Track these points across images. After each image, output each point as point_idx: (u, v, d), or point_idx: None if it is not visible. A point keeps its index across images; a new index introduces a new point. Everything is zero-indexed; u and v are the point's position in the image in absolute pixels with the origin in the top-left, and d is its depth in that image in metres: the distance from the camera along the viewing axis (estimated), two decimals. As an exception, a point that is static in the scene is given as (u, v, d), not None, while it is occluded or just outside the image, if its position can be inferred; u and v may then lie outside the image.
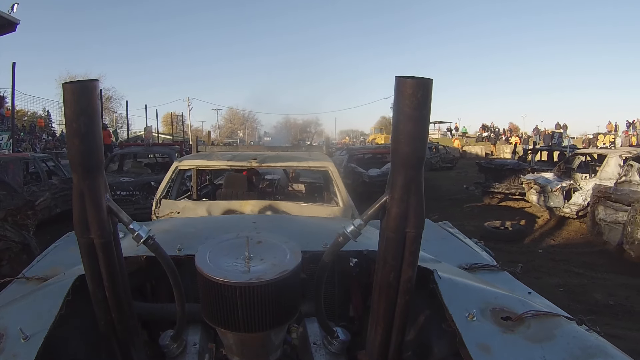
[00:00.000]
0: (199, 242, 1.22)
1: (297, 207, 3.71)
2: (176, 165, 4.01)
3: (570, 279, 5.07)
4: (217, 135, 42.25)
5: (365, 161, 12.15)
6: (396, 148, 0.96)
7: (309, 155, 4.35)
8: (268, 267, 1.06)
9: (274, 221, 2.05)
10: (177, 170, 4.00)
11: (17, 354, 0.98)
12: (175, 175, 4.00)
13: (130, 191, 7.75)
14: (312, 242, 1.47)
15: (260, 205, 3.67)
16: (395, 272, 1.05)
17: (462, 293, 1.19)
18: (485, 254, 1.92)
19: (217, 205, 3.77)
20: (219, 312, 1.05)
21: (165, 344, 1.22)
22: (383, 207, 1.03)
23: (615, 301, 4.38)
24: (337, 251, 1.13)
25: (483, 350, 1.00)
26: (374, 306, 1.13)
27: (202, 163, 4.08)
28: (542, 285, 4.62)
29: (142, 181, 8.10)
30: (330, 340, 1.26)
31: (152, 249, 1.09)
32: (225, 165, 4.06)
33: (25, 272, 1.72)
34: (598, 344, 1.02)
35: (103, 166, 1.01)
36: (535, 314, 1.10)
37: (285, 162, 4.14)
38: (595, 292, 4.63)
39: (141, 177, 8.54)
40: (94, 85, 0.92)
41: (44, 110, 21.11)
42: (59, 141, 20.07)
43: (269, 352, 1.20)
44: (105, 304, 1.09)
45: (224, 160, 4.03)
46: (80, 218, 0.99)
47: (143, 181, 8.10)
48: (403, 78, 0.91)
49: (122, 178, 8.33)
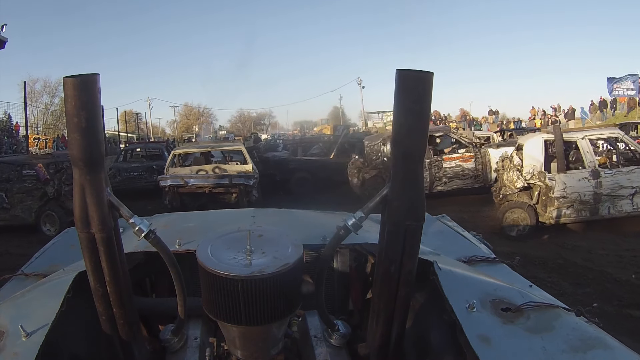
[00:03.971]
0: (198, 236, 1.22)
1: (227, 166, 9.10)
2: (173, 152, 9.59)
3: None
4: (175, 130, 42.83)
5: (295, 148, 13.41)
6: (397, 141, 0.96)
7: (232, 144, 11.48)
8: (269, 260, 1.07)
9: (273, 215, 2.05)
10: (173, 154, 9.39)
11: (19, 352, 0.97)
12: (173, 156, 9.32)
13: (140, 172, 11.74)
14: (311, 236, 1.47)
15: (212, 166, 8.92)
16: (395, 264, 1.06)
17: (461, 284, 1.20)
18: (484, 247, 1.93)
19: (194, 167, 8.91)
20: (221, 305, 1.05)
21: (166, 338, 1.23)
22: (384, 200, 1.03)
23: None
24: (338, 244, 1.13)
25: (483, 341, 1.01)
26: (375, 298, 1.13)
27: (185, 150, 10.31)
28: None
29: (145, 166, 12.00)
30: (331, 333, 1.26)
31: (154, 243, 1.09)
32: (196, 150, 10.02)
33: (24, 269, 1.71)
34: (597, 335, 1.03)
35: (104, 161, 1.00)
36: (534, 306, 1.11)
37: (220, 147, 10.64)
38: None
39: (143, 163, 12.40)
40: (95, 79, 0.91)
41: (5, 113, 20.93)
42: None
43: (270, 345, 1.21)
44: (106, 299, 1.09)
45: (195, 148, 10.50)
46: (81, 213, 0.99)
47: (145, 166, 11.98)
48: (404, 71, 0.91)
49: (133, 164, 12.32)
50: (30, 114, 31.65)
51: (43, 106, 34.04)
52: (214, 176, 8.41)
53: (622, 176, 6.35)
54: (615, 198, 6.33)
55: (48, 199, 7.70)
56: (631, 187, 6.31)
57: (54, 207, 7.74)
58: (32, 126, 29.65)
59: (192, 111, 49.15)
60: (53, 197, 7.68)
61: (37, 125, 30.88)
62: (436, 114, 29.13)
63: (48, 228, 7.68)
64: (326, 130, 32.36)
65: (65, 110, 0.91)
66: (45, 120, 33.06)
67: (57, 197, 7.69)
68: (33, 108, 33.06)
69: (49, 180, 7.74)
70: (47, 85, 34.74)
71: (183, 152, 9.89)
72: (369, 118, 35.00)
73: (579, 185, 6.33)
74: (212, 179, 8.28)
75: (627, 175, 6.34)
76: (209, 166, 8.94)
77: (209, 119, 49.13)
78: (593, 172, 6.37)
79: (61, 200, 7.69)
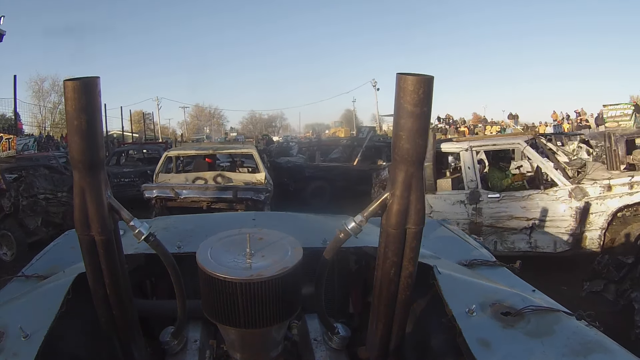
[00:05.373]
0: (198, 239, 1.21)
1: (234, 174, 7.21)
2: (166, 154, 7.40)
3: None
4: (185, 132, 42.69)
5: (313, 152, 12.60)
6: (397, 144, 0.96)
7: (242, 146, 9.06)
8: (269, 263, 1.07)
9: (274, 218, 2.05)
10: (166, 157, 7.33)
11: (18, 352, 0.98)
12: (165, 159, 7.28)
13: (131, 178, 10.01)
14: (311, 239, 1.47)
15: (214, 174, 7.02)
16: (396, 268, 1.06)
17: (462, 288, 1.20)
18: (484, 250, 1.92)
19: (190, 175, 7.15)
20: (220, 308, 1.05)
21: (166, 340, 1.23)
22: (384, 204, 1.03)
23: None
24: (338, 247, 1.13)
25: (483, 345, 1.01)
26: (375, 302, 1.13)
27: (181, 152, 8.13)
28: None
29: (139, 171, 10.33)
30: (331, 336, 1.26)
31: (153, 245, 1.09)
32: (194, 152, 7.99)
33: (24, 270, 1.71)
34: (597, 339, 1.03)
35: (104, 163, 1.00)
36: (534, 309, 1.10)
37: (227, 150, 8.43)
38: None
39: (137, 167, 10.82)
40: (96, 82, 0.91)
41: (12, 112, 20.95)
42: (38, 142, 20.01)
43: (269, 348, 1.21)
44: (106, 301, 1.09)
45: (193, 150, 8.22)
46: (81, 215, 0.99)
47: (140, 170, 10.30)
48: (404, 75, 0.91)
49: (125, 169, 10.73)
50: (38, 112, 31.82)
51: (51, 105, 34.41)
52: (214, 187, 6.33)
53: (512, 202, 4.75)
54: (504, 231, 4.78)
55: (4, 214, 5.90)
56: (526, 218, 4.68)
57: (11, 226, 5.90)
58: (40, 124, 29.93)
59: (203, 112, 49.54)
60: (9, 213, 5.89)
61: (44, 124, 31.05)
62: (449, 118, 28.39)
63: (4, 252, 5.85)
64: (340, 133, 32.35)
65: (66, 113, 0.92)
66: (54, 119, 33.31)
67: (14, 212, 5.91)
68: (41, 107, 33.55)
69: (5, 191, 5.97)
70: (55, 84, 34.85)
71: (178, 155, 7.91)
72: (382, 121, 34.23)
73: (451, 210, 4.90)
74: (212, 190, 6.19)
75: (521, 202, 4.72)
76: (210, 174, 7.02)
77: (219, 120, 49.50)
78: (472, 194, 4.84)
79: (20, 217, 5.95)
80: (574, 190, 4.58)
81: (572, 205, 4.56)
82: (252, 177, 6.94)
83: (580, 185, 4.62)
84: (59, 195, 6.55)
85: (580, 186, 4.61)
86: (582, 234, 4.60)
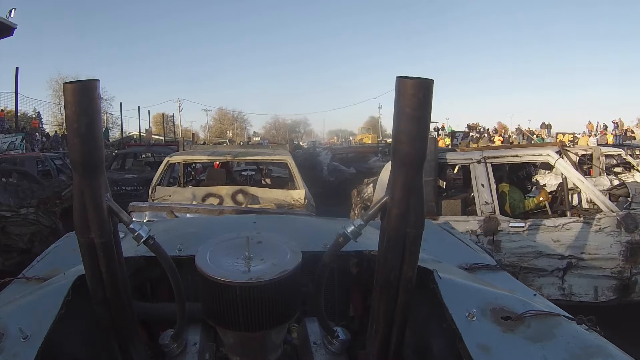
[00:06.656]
0: (199, 242, 1.22)
1: (261, 190, 4.88)
2: (167, 160, 5.21)
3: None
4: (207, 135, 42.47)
5: (348, 159, 12.31)
6: (396, 148, 0.96)
7: (273, 152, 6.08)
8: (268, 266, 1.07)
9: (274, 221, 2.05)
10: (168, 164, 5.19)
11: (17, 353, 0.98)
12: (167, 167, 5.20)
13: (134, 186, 8.64)
14: (312, 242, 1.47)
15: (233, 189, 4.76)
16: (395, 272, 1.05)
17: (462, 293, 1.19)
18: (486, 254, 1.92)
19: (200, 190, 4.84)
20: (219, 311, 1.05)
21: (165, 343, 1.22)
22: (383, 208, 1.03)
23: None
24: (338, 251, 1.13)
25: (483, 350, 1.00)
26: (374, 306, 1.13)
27: (187, 157, 5.55)
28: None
29: (144, 177, 8.69)
30: (331, 340, 1.26)
31: (153, 249, 1.09)
32: (205, 159, 5.48)
33: (25, 272, 1.72)
34: (598, 344, 1.02)
35: (104, 166, 1.01)
36: (535, 314, 1.10)
37: (252, 157, 5.52)
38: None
39: (143, 173, 9.27)
40: (95, 85, 0.92)
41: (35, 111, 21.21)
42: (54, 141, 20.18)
43: (269, 351, 1.20)
44: (105, 304, 1.09)
45: (204, 155, 5.42)
46: (80, 218, 0.99)
47: (145, 177, 8.59)
48: (404, 78, 0.91)
49: (127, 175, 9.28)
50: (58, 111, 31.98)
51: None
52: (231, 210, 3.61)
53: (542, 234, 3.54)
54: (529, 272, 3.57)
55: None
56: (560, 255, 3.47)
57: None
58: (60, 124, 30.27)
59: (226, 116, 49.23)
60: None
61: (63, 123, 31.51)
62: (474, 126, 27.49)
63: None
64: (366, 140, 32.04)
65: (66, 116, 0.92)
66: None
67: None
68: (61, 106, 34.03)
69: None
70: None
71: (183, 161, 5.59)
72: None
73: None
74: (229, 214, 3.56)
75: (553, 234, 3.51)
76: (227, 189, 4.80)
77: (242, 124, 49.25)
78: (487, 222, 3.59)
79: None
80: (625, 218, 3.35)
81: (622, 240, 3.37)
82: (287, 195, 4.73)
83: (632, 212, 3.39)
84: (22, 212, 5.04)
85: (632, 213, 3.38)
86: (632, 278, 3.42)
